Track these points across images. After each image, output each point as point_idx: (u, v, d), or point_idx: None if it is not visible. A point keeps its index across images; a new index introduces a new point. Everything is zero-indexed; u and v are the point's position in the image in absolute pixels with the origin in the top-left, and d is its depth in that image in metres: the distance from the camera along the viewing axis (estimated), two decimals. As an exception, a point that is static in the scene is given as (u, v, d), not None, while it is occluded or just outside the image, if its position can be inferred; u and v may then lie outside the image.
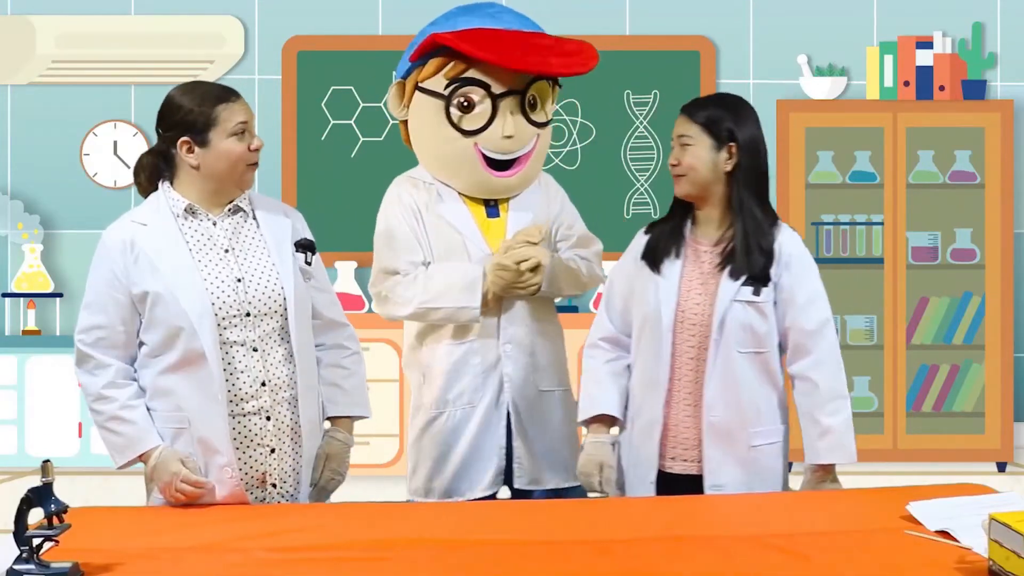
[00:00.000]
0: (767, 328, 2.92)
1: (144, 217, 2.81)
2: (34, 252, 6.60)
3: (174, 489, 2.68)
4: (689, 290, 2.95)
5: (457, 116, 3.22)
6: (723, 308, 2.88)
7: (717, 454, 2.89)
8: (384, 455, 5.87)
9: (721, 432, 2.88)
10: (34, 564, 2.11)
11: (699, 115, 2.94)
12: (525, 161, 3.28)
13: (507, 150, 3.24)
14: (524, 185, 3.33)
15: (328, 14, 6.70)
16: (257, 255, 2.82)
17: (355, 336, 3.04)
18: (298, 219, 2.95)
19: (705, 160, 2.92)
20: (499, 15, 3.27)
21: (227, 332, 2.74)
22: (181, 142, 2.75)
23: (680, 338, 2.93)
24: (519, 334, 3.23)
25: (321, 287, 2.95)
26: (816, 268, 2.99)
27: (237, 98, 2.78)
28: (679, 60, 6.65)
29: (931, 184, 6.31)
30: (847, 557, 2.25)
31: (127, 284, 2.75)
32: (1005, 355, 6.22)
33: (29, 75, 6.70)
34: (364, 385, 3.03)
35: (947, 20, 6.56)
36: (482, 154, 3.23)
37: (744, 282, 2.89)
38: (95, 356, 2.76)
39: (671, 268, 2.97)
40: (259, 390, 2.77)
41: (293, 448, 2.84)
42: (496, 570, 2.23)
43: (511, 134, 3.22)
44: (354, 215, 5.79)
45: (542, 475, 3.25)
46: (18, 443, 6.26)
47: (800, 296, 2.92)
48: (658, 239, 3.02)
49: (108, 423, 2.75)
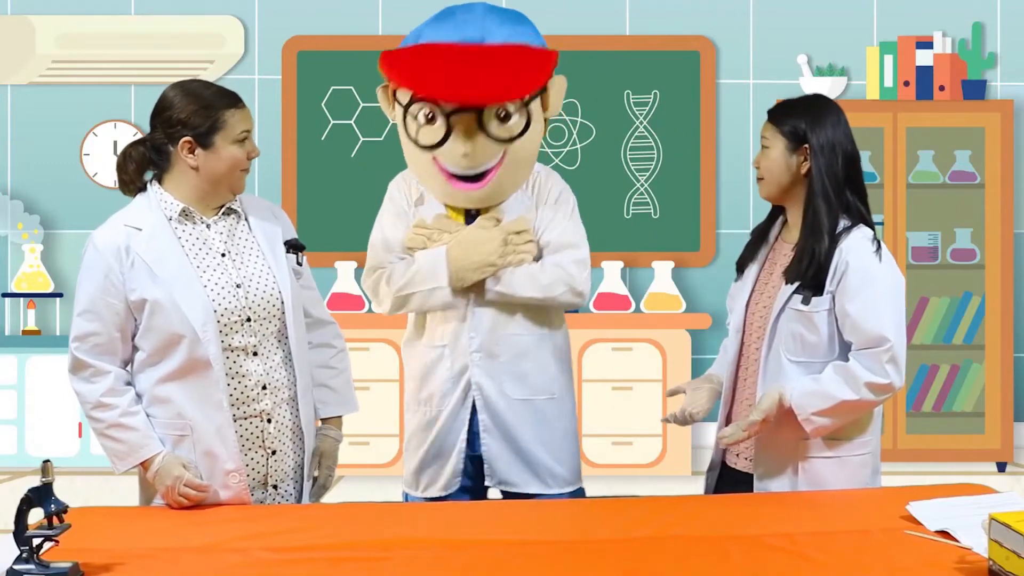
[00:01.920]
0: (818, 339, 2.83)
1: (137, 220, 2.75)
2: (34, 252, 6.61)
3: (177, 493, 2.68)
4: (761, 292, 2.96)
5: (414, 129, 3.15)
6: (775, 313, 2.87)
7: (766, 458, 2.89)
8: (384, 455, 5.86)
9: (769, 436, 2.85)
10: (34, 564, 2.11)
11: (778, 117, 2.95)
12: (492, 174, 3.15)
13: (466, 167, 3.12)
14: (499, 196, 3.20)
15: (328, 14, 6.70)
16: (253, 259, 2.81)
17: (340, 333, 3.08)
18: (285, 219, 2.95)
19: (780, 163, 2.91)
20: (467, 23, 3.12)
21: (229, 338, 2.74)
22: (183, 141, 2.72)
23: (749, 339, 2.96)
24: (488, 342, 3.16)
25: (308, 285, 2.98)
26: (884, 279, 2.80)
27: (243, 105, 2.78)
28: (679, 60, 6.66)
29: (931, 184, 6.31)
30: (847, 557, 2.25)
31: (123, 291, 2.71)
32: (1005, 355, 6.22)
33: (29, 75, 6.70)
34: (351, 382, 3.07)
35: (947, 20, 6.56)
36: (443, 168, 3.16)
37: (796, 289, 2.85)
38: (92, 363, 2.72)
39: (750, 269, 3.01)
40: (260, 393, 2.77)
41: (294, 449, 2.84)
42: (496, 570, 2.23)
43: (466, 152, 3.10)
44: (354, 215, 5.77)
45: (517, 480, 3.19)
46: (18, 443, 6.26)
47: (852, 309, 2.78)
48: (749, 242, 3.06)
49: (109, 430, 2.72)
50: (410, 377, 3.31)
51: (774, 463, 2.88)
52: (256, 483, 2.79)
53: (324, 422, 3.00)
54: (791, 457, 2.86)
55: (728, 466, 3.00)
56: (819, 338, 2.83)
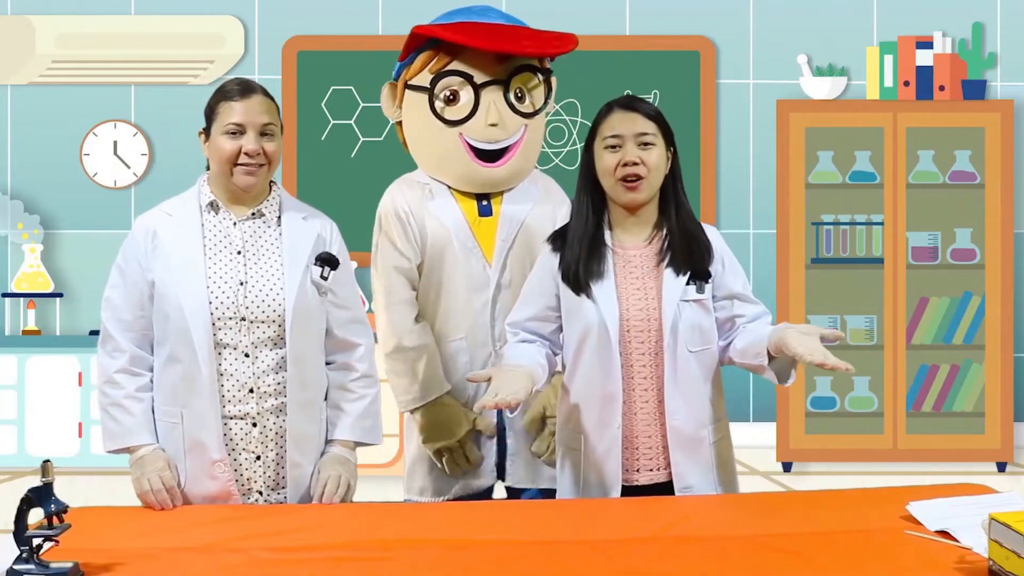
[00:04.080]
0: (710, 325, 2.88)
1: (172, 207, 2.86)
2: (34, 252, 6.61)
3: (148, 482, 2.69)
4: (628, 298, 2.84)
5: (441, 107, 3.24)
6: (672, 311, 2.82)
7: (683, 457, 2.84)
8: (384, 455, 5.86)
9: (684, 434, 2.84)
10: (34, 564, 2.11)
11: (652, 113, 2.86)
12: (513, 151, 3.26)
13: (492, 139, 3.22)
14: (515, 178, 3.30)
15: (328, 14, 6.70)
16: (268, 261, 2.82)
17: (367, 357, 2.94)
18: (328, 230, 2.92)
19: (663, 161, 2.85)
20: (485, 13, 3.30)
21: (220, 333, 2.75)
22: (200, 131, 2.84)
23: (629, 348, 2.83)
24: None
25: (340, 304, 2.91)
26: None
27: (243, 98, 2.78)
28: (679, 60, 6.66)
29: (931, 184, 6.31)
30: (847, 557, 2.25)
31: (144, 270, 2.79)
32: (1005, 355, 6.22)
33: (29, 75, 6.70)
34: (371, 411, 2.92)
35: (947, 20, 6.56)
36: (469, 145, 3.23)
37: (687, 281, 2.83)
38: (114, 336, 2.79)
39: (604, 284, 2.83)
40: (246, 396, 2.77)
41: (277, 458, 2.82)
42: (496, 570, 2.23)
43: (495, 122, 3.22)
44: (354, 215, 5.76)
45: (535, 474, 3.22)
46: (18, 443, 6.26)
47: (738, 287, 2.90)
48: (577, 260, 2.85)
49: (110, 408, 2.79)
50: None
51: (690, 463, 2.86)
52: (242, 487, 2.79)
53: (331, 442, 2.90)
54: (705, 452, 2.87)
55: (630, 486, 2.88)
56: (711, 323, 2.87)
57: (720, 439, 2.92)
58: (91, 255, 6.64)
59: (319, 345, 2.87)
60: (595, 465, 2.86)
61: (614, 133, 2.83)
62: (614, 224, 2.90)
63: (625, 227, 2.89)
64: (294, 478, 2.81)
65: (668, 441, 2.84)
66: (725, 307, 2.91)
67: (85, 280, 6.67)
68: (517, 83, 3.25)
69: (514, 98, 3.25)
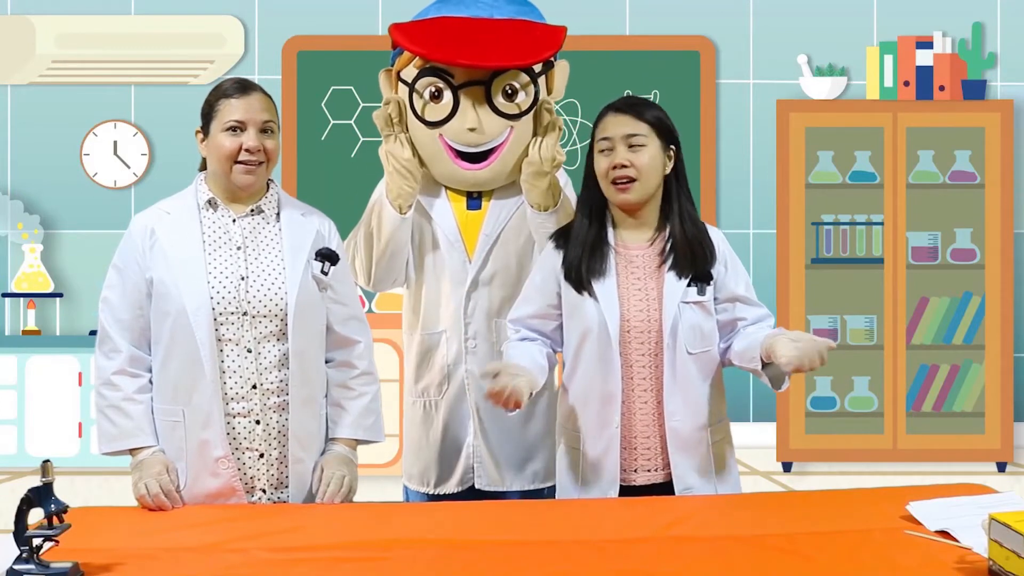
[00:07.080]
0: (711, 327, 2.88)
1: (171, 206, 2.86)
2: (34, 252, 6.61)
3: (145, 486, 2.68)
4: (629, 298, 2.85)
5: (421, 106, 3.12)
6: (672, 312, 2.82)
7: (682, 458, 2.85)
8: (384, 455, 5.86)
9: (683, 435, 2.84)
10: (34, 564, 2.11)
11: (647, 114, 2.85)
12: (498, 153, 3.12)
13: (471, 143, 3.10)
14: (500, 179, 3.17)
15: (328, 14, 6.70)
16: (268, 256, 2.82)
17: (367, 355, 2.93)
18: (327, 227, 2.92)
19: (657, 162, 2.85)
20: (474, 4, 3.15)
21: (223, 329, 2.75)
22: (196, 131, 2.84)
23: (629, 348, 2.84)
24: (483, 329, 3.13)
25: (339, 300, 2.90)
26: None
27: (242, 95, 2.78)
28: (679, 60, 6.66)
29: (931, 184, 6.31)
30: (847, 557, 2.25)
31: (142, 269, 2.78)
32: (1005, 355, 6.22)
33: (29, 75, 6.70)
34: (372, 408, 2.93)
35: (947, 20, 6.56)
36: (449, 146, 3.13)
37: (688, 283, 2.84)
38: (112, 335, 2.78)
39: (605, 283, 2.84)
40: (249, 392, 2.77)
41: (280, 456, 2.82)
42: (496, 570, 2.23)
43: (472, 127, 3.08)
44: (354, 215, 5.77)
45: (504, 478, 3.16)
46: (18, 443, 6.27)
47: (740, 289, 2.91)
48: (579, 258, 2.86)
49: (107, 410, 2.78)
50: (407, 366, 3.27)
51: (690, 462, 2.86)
52: (246, 485, 2.79)
53: (333, 440, 2.91)
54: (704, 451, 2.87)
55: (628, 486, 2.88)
56: (712, 325, 2.88)
57: (720, 440, 2.92)
58: (91, 255, 6.64)
59: (320, 341, 2.87)
60: (593, 464, 2.87)
61: (605, 135, 2.85)
62: (617, 224, 2.91)
63: (627, 228, 2.90)
64: (297, 474, 2.81)
65: (667, 442, 2.84)
66: (727, 309, 2.91)
67: (85, 280, 6.67)
68: (503, 81, 3.11)
69: (503, 96, 3.10)
